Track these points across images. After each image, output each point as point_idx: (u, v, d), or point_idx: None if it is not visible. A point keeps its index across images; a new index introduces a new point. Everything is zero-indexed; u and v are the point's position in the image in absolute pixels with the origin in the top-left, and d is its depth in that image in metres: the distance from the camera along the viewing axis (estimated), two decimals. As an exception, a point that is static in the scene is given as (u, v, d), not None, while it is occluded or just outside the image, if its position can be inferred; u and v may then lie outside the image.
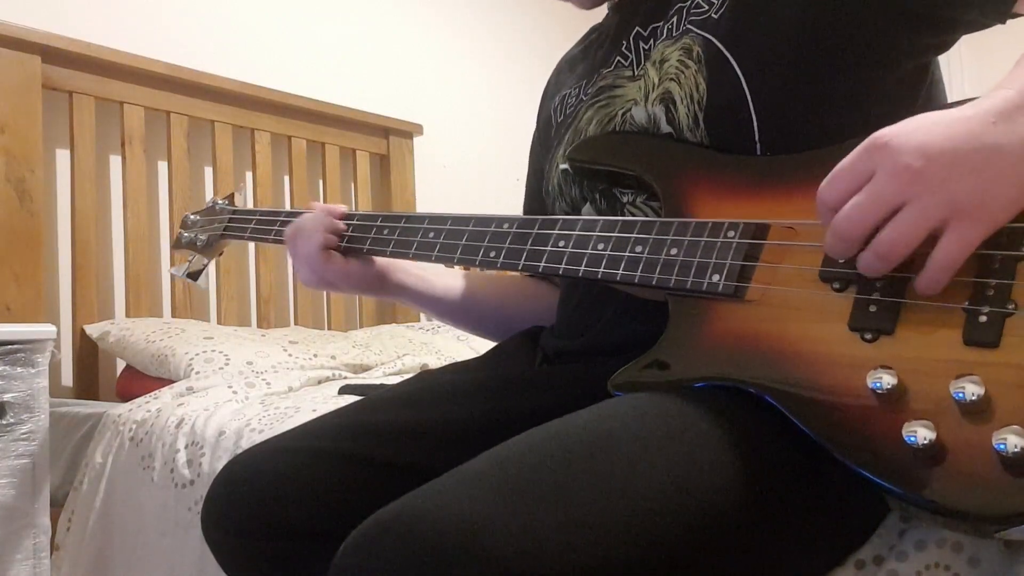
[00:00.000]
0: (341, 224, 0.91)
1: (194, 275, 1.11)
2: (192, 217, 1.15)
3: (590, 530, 0.43)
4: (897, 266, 0.51)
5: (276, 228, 0.99)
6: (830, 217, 0.52)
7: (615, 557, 0.43)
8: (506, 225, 0.76)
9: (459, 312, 0.99)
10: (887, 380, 0.49)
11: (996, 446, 0.44)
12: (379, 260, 0.92)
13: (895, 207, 0.49)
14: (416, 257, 0.83)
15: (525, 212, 1.00)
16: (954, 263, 0.49)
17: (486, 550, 0.41)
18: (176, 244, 1.13)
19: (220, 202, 1.14)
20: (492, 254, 0.76)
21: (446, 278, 0.97)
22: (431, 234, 0.82)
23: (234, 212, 1.09)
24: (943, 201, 0.48)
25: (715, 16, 0.70)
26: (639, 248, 0.65)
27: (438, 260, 0.81)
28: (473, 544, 0.41)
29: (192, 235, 1.12)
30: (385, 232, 0.87)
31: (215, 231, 1.10)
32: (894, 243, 0.49)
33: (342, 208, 0.93)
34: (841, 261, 0.55)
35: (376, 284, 0.93)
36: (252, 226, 1.05)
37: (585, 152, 0.77)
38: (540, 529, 0.42)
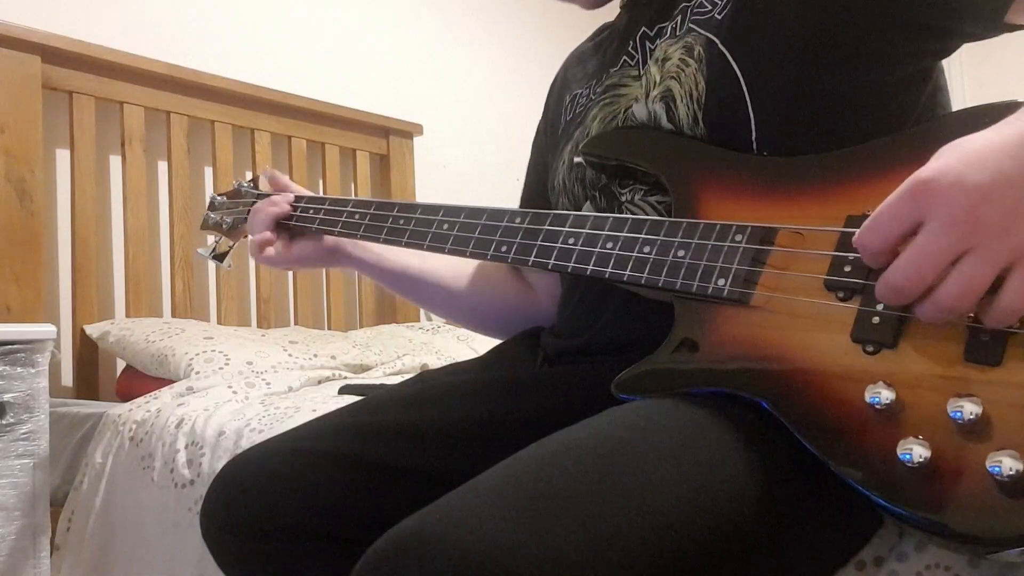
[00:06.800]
0: (288, 208, 0.99)
1: (219, 257, 1.12)
2: (219, 199, 1.15)
3: (610, 547, 0.43)
4: None
5: (298, 214, 1.01)
6: (876, 263, 0.49)
7: (635, 574, 0.43)
8: (518, 220, 0.76)
9: (407, 284, 1.02)
10: (885, 395, 0.48)
11: (990, 468, 0.43)
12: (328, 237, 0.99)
13: (956, 257, 0.45)
14: (431, 249, 0.84)
15: (523, 203, 1.00)
16: None
17: (508, 571, 0.41)
18: (203, 225, 1.14)
19: (245, 185, 1.14)
20: (503, 248, 0.75)
21: (398, 253, 1.02)
22: (444, 226, 0.82)
23: (258, 195, 1.10)
24: (1010, 246, 0.44)
25: (718, 16, 0.70)
26: (647, 249, 0.65)
27: (451, 252, 0.81)
28: (495, 566, 0.41)
29: (218, 217, 1.13)
30: (400, 222, 0.88)
31: (240, 214, 1.10)
32: (959, 298, 0.45)
33: (291, 197, 1.02)
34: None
35: (325, 258, 1.01)
36: None
37: (598, 146, 0.76)
38: (561, 548, 0.42)
